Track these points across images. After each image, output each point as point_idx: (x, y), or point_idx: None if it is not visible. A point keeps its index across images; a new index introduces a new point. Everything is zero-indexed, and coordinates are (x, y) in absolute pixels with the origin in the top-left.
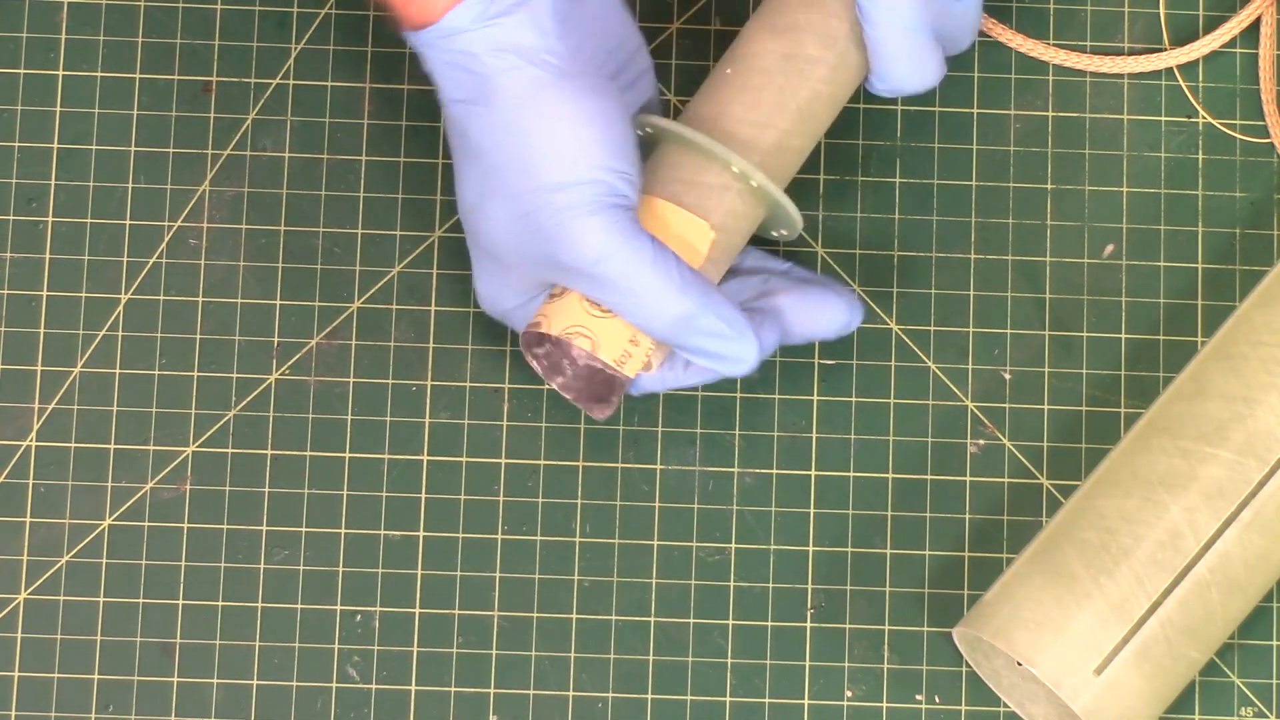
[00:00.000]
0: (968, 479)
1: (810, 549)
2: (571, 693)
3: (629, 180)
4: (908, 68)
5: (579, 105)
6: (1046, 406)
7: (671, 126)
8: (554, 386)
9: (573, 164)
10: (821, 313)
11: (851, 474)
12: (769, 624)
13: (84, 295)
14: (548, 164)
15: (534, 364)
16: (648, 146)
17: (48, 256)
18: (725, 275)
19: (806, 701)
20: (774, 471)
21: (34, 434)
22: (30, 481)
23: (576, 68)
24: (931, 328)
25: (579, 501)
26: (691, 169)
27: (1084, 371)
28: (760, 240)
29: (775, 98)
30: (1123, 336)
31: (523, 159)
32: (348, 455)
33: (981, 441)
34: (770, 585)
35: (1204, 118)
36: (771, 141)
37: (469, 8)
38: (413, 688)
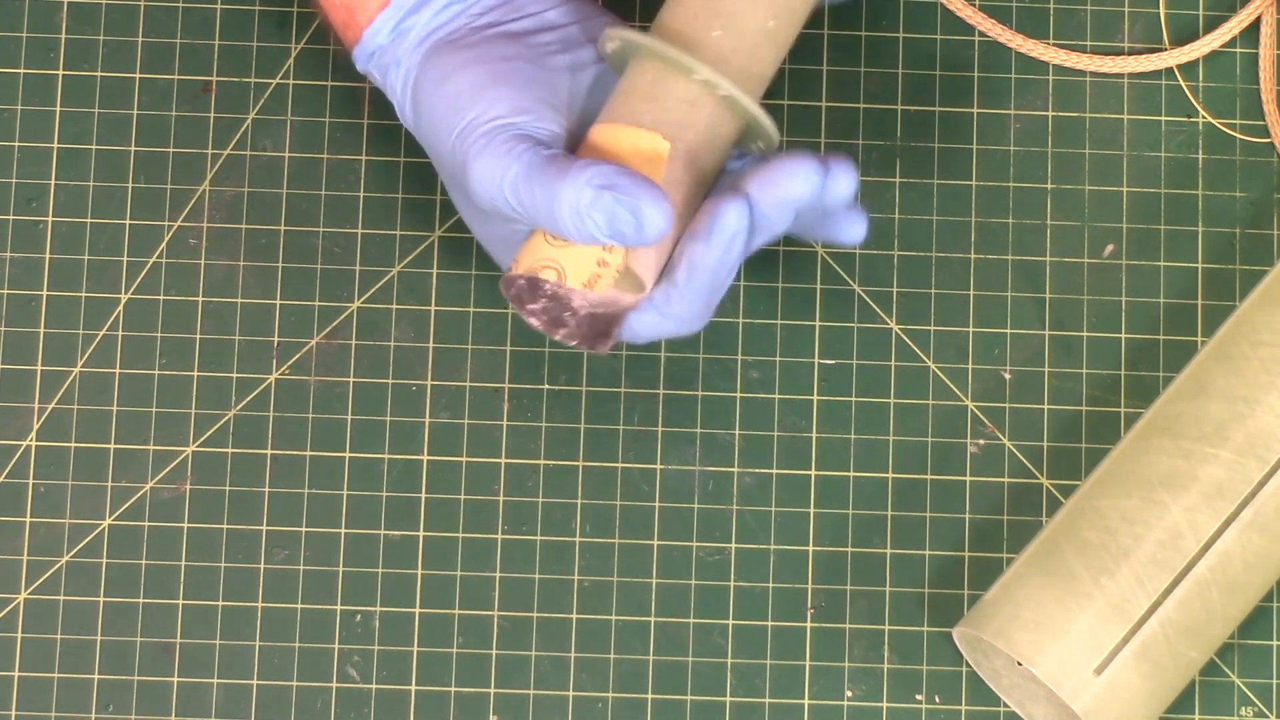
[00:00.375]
0: (968, 479)
1: (810, 549)
2: (571, 693)
3: (524, 110)
4: None
5: (459, 58)
6: (1046, 406)
7: (634, 37)
8: (557, 338)
9: (457, 114)
10: (786, 175)
11: (851, 474)
12: (769, 624)
13: (84, 295)
14: (442, 124)
15: (532, 321)
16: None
17: (48, 256)
18: None
19: (806, 701)
20: (774, 471)
21: (34, 434)
22: (30, 481)
23: (470, 36)
24: (931, 328)
25: (579, 501)
26: (658, 82)
27: (1084, 371)
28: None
29: (741, 7)
30: (1123, 336)
31: (432, 129)
32: (348, 455)
33: (981, 441)
34: (770, 585)
35: (1204, 118)
36: (740, 52)
37: (381, 24)
38: (413, 688)
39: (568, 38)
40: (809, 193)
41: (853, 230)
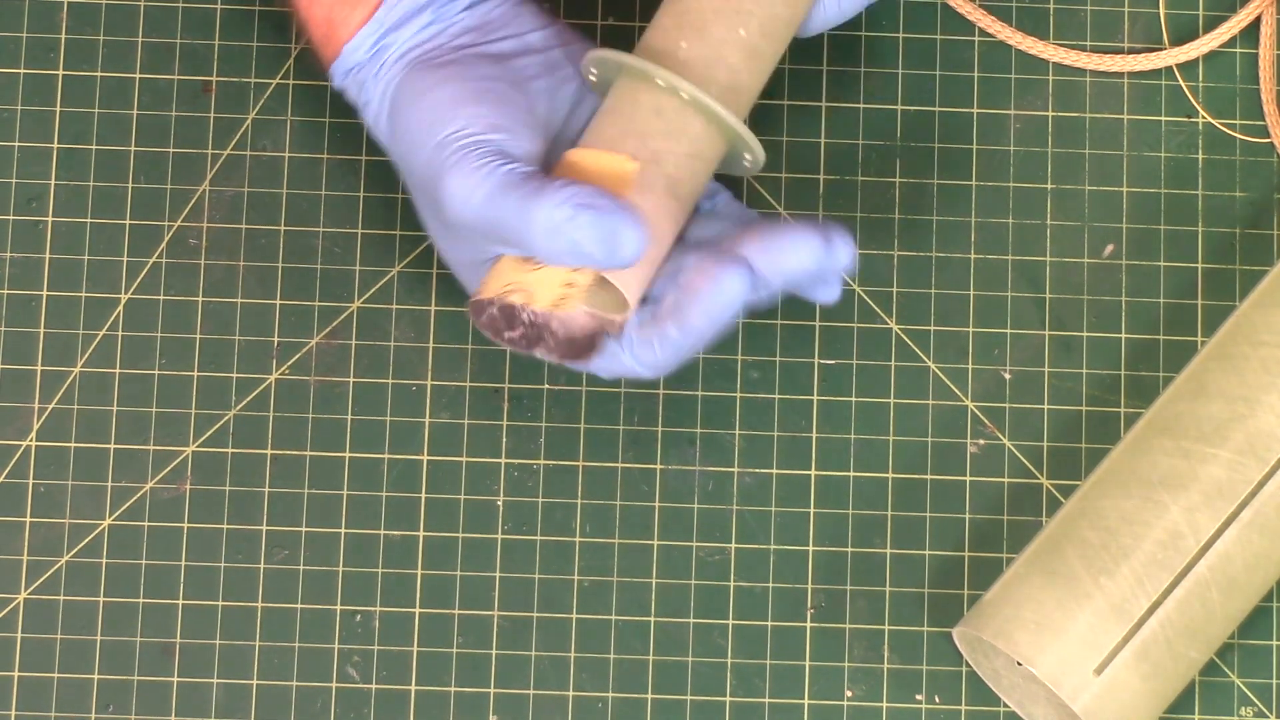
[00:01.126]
0: (968, 479)
1: (810, 549)
2: (571, 693)
3: (501, 127)
4: None
5: (439, 75)
6: (1046, 406)
7: (604, 54)
8: (536, 355)
9: (435, 128)
10: (790, 247)
11: (851, 474)
12: (769, 624)
13: (84, 295)
14: (419, 139)
15: (510, 347)
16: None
17: (48, 256)
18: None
19: (806, 701)
20: (774, 471)
21: (34, 434)
22: (30, 481)
23: (450, 55)
24: (931, 328)
25: (579, 501)
26: (631, 97)
27: (1084, 371)
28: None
29: (721, 22)
30: (1123, 336)
31: (409, 143)
32: (348, 455)
33: (981, 441)
34: (770, 585)
35: (1204, 117)
36: (712, 63)
37: (362, 40)
38: (413, 688)
39: (548, 61)
40: (810, 265)
41: (829, 293)
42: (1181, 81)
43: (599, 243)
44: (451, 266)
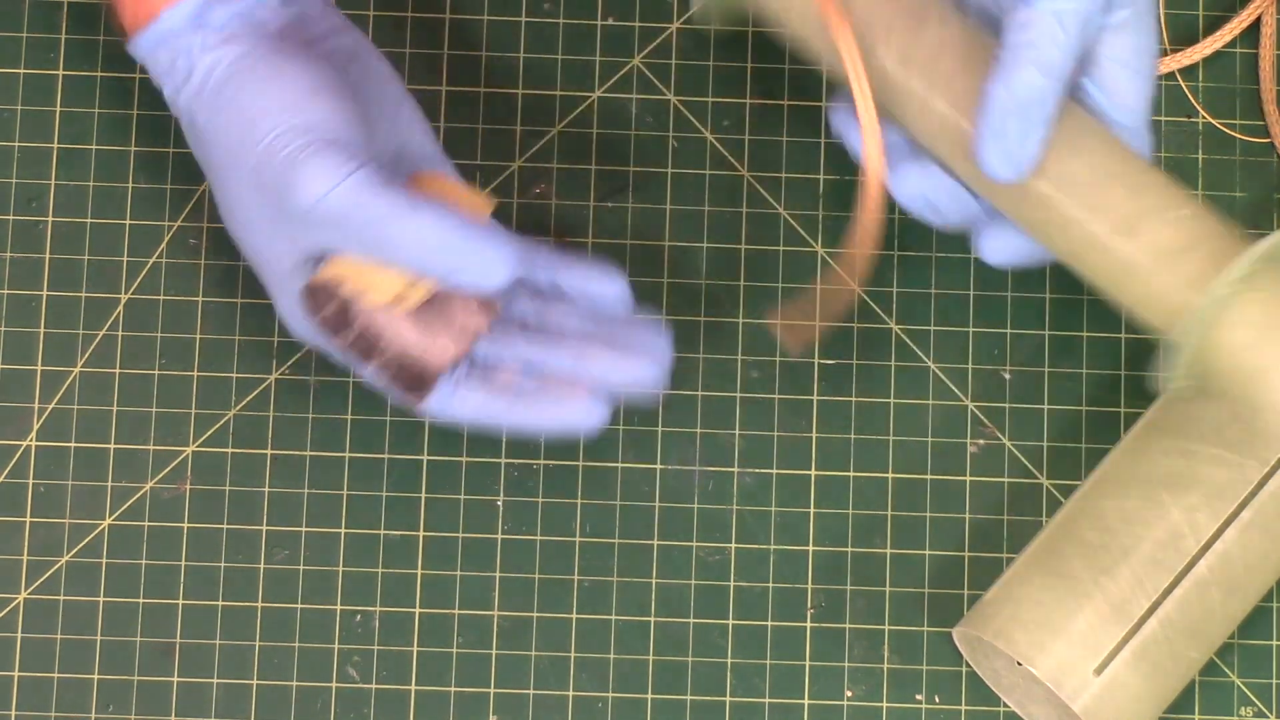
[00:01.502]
0: (968, 479)
1: (810, 549)
2: (571, 693)
3: (355, 124)
4: None
5: (290, 63)
6: (1046, 406)
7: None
8: (362, 376)
9: (289, 112)
10: (636, 367)
11: (851, 474)
12: (769, 624)
13: (84, 295)
14: (266, 118)
15: (341, 354)
16: None
17: (48, 256)
18: None
19: (806, 701)
20: (774, 471)
21: (34, 434)
22: (30, 481)
23: (289, 47)
24: (931, 328)
25: (579, 501)
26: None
27: (1084, 371)
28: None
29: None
30: (1123, 336)
31: (244, 124)
32: (348, 455)
33: (981, 441)
34: (770, 585)
35: (1204, 118)
36: None
37: (184, 7)
38: (413, 688)
39: (366, 70)
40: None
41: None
42: (1181, 82)
43: (476, 266)
44: (261, 264)
